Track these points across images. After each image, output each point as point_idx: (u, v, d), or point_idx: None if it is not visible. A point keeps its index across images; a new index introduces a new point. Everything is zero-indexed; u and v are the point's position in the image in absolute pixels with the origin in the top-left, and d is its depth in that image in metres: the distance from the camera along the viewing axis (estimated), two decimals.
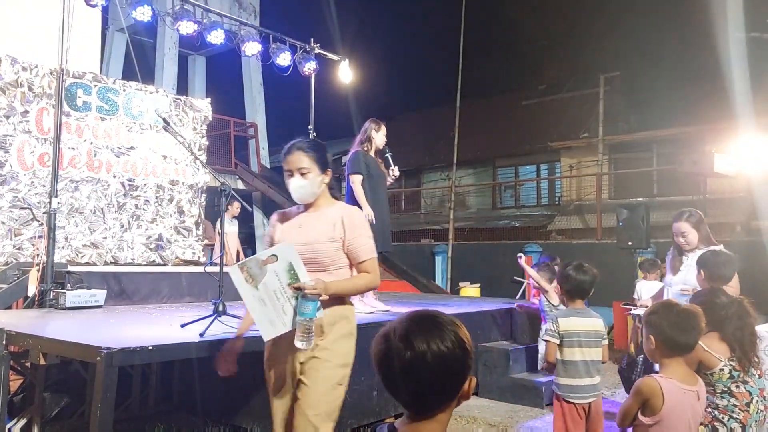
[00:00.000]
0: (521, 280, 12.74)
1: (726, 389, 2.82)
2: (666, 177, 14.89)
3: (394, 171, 5.58)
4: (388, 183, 5.65)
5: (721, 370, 2.82)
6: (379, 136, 5.46)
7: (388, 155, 5.44)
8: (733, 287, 3.67)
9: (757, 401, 2.84)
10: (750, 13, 10.30)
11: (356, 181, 5.31)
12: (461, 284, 11.86)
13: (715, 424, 2.79)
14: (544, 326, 5.36)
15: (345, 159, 5.68)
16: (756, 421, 2.83)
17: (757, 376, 2.89)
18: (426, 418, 1.38)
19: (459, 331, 1.39)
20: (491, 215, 18.77)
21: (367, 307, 5.38)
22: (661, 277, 8.11)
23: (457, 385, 1.38)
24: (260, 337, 2.59)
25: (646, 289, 7.23)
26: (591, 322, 3.53)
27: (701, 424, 2.71)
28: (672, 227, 4.17)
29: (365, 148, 5.44)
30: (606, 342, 3.58)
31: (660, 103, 15.54)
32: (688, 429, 2.41)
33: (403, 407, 1.41)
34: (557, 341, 3.47)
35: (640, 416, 2.42)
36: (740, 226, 12.61)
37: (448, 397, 1.38)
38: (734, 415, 2.80)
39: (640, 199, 13.69)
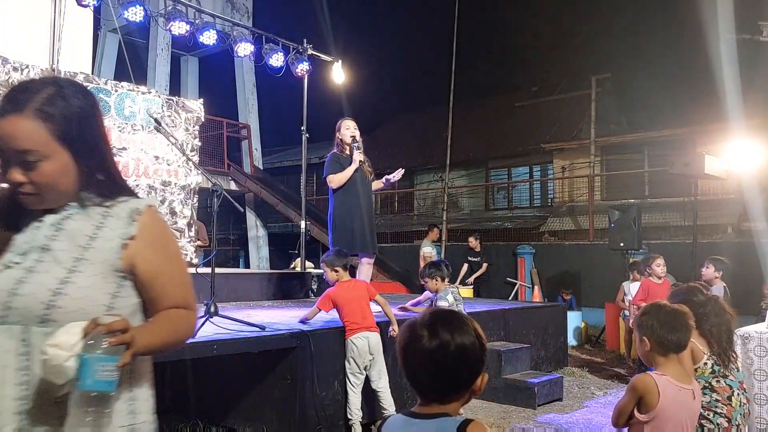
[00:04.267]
0: (514, 281, 12.80)
1: (707, 385, 2.84)
2: (657, 178, 14.94)
3: (360, 154, 5.45)
4: (377, 183, 5.65)
5: (705, 364, 2.86)
6: (343, 133, 5.54)
7: (354, 145, 5.47)
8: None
9: (739, 394, 2.86)
10: (740, 14, 10.36)
11: (332, 179, 5.43)
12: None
13: (701, 421, 2.80)
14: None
15: None
16: (741, 414, 2.85)
17: (735, 369, 2.93)
18: (440, 404, 1.51)
19: (477, 327, 1.53)
20: (484, 216, 18.77)
21: None
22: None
23: (473, 377, 1.50)
24: (255, 338, 2.54)
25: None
26: None
27: None
28: None
29: (339, 150, 5.54)
30: None
31: (651, 105, 15.61)
32: (683, 427, 2.41)
33: (419, 394, 1.53)
34: None
35: (636, 413, 2.42)
36: (731, 227, 12.68)
37: (463, 387, 1.51)
38: (718, 410, 2.81)
39: (632, 200, 13.73)
